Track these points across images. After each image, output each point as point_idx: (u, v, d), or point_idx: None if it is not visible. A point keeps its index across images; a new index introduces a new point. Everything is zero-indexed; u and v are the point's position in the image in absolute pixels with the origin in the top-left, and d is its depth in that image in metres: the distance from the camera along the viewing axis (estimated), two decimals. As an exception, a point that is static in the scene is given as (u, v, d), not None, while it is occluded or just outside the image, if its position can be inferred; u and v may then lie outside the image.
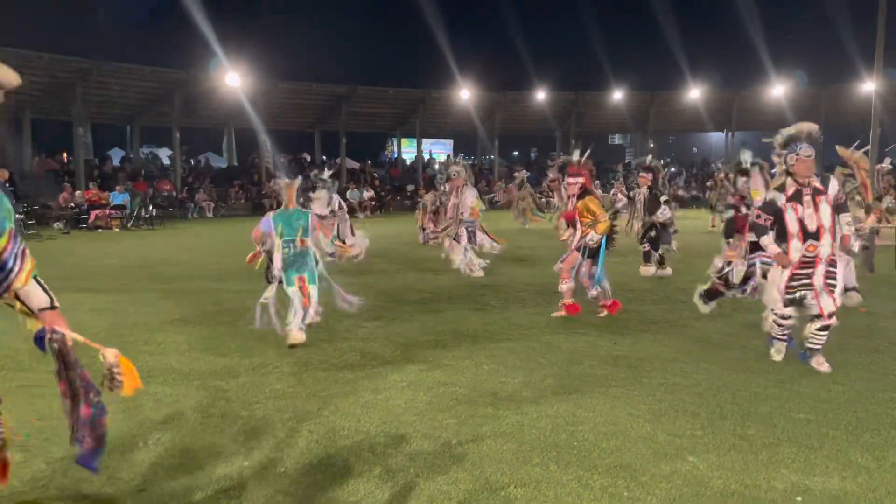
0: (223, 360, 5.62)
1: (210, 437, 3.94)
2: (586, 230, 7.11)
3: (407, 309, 7.81)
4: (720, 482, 3.38)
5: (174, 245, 16.00)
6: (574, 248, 7.23)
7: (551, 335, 6.48)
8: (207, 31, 24.90)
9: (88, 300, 8.35)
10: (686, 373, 5.22)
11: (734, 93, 35.76)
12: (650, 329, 6.75)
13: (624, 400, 4.58)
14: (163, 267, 11.67)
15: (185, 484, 3.36)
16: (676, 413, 4.33)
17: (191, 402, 4.53)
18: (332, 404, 4.50)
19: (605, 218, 7.16)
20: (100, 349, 2.80)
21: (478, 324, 7.02)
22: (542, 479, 3.41)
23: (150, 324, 6.98)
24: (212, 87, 28.04)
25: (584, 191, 7.26)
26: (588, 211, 7.13)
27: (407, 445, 3.83)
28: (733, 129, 37.53)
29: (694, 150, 53.98)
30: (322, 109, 33.89)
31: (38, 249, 14.28)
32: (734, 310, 7.29)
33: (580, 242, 7.17)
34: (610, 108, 36.43)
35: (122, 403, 4.47)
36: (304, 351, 5.85)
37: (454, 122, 37.00)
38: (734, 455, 3.69)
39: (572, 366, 5.43)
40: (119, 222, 20.99)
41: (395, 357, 5.69)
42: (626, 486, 3.34)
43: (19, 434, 3.93)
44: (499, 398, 4.63)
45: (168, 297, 8.61)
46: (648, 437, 3.95)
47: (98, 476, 3.39)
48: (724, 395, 4.67)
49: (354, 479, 3.41)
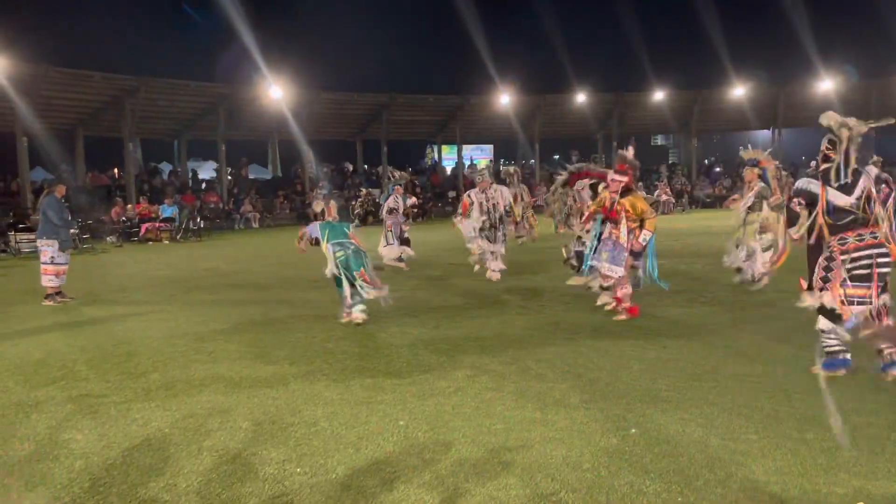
0: (272, 367, 5.70)
1: (261, 444, 4.00)
2: (632, 226, 7.03)
3: (451, 315, 7.82)
4: (777, 487, 3.29)
5: (221, 255, 16.31)
6: (628, 251, 7.14)
7: (598, 339, 6.42)
8: (250, 44, 25.44)
9: (141, 310, 8.58)
10: (738, 376, 5.11)
11: (780, 89, 34.89)
12: (699, 332, 6.63)
13: (675, 404, 4.51)
14: (211, 277, 11.91)
15: (238, 491, 3.41)
16: (729, 417, 4.24)
17: (242, 410, 4.61)
18: (379, 411, 4.53)
19: (652, 214, 7.10)
20: None
21: (523, 328, 6.99)
22: (594, 484, 3.37)
23: (201, 333, 7.13)
24: (255, 99, 28.58)
25: (626, 189, 7.19)
26: (634, 208, 7.05)
27: (455, 451, 3.82)
28: (780, 126, 36.60)
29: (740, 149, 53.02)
30: (363, 118, 34.21)
31: (92, 263, 14.75)
32: (791, 309, 7.11)
33: (630, 240, 7.07)
34: (652, 109, 35.93)
35: (175, 413, 4.58)
36: (350, 359, 5.90)
37: (494, 127, 36.94)
38: (791, 459, 3.60)
39: (620, 370, 5.36)
40: (168, 234, 21.53)
41: (441, 363, 5.70)
42: (680, 491, 3.28)
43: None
44: (546, 403, 4.60)
45: (217, 306, 8.78)
46: (701, 441, 3.87)
47: (158, 482, 3.48)
48: (778, 398, 4.56)
49: (404, 485, 3.42)
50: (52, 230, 9.42)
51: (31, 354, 6.33)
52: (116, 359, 6.09)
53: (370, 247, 8.20)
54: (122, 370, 5.69)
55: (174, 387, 5.17)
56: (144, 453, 3.89)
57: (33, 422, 4.46)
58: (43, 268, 9.43)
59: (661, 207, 17.27)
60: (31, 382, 5.37)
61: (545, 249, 12.75)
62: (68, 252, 9.69)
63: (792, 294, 5.48)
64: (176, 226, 22.24)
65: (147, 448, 3.97)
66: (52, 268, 9.37)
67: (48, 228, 9.44)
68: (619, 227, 7.19)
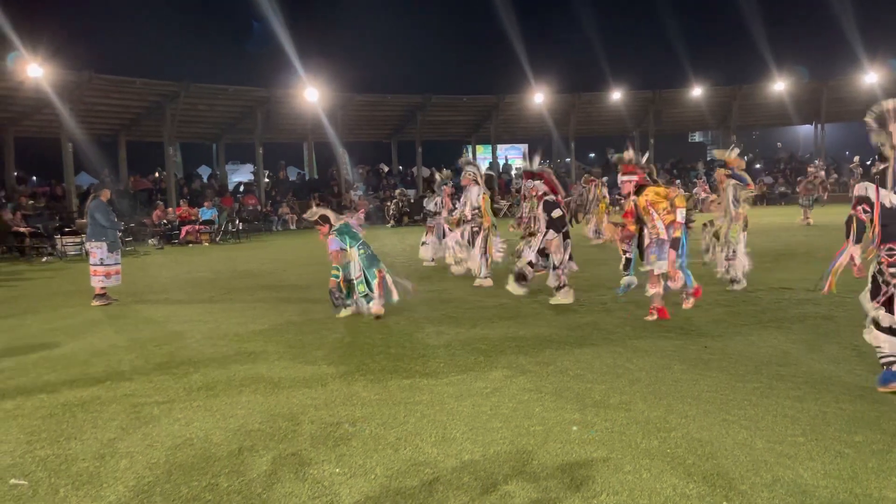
0: (310, 368, 5.74)
1: (301, 445, 4.03)
2: (668, 217, 6.89)
3: (488, 315, 7.79)
4: (826, 492, 3.20)
5: (260, 257, 16.51)
6: (669, 244, 7.01)
7: (637, 339, 6.33)
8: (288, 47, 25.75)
9: (183, 312, 8.72)
10: (782, 376, 5.00)
11: (822, 83, 34.09)
12: (741, 332, 6.51)
13: (718, 405, 4.42)
14: (250, 278, 12.06)
15: (279, 491, 3.44)
16: (775, 418, 4.15)
17: (282, 410, 4.64)
18: (417, 411, 4.53)
19: (676, 192, 6.99)
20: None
21: (560, 328, 6.93)
22: (636, 487, 3.32)
23: (241, 334, 7.22)
24: (291, 102, 28.91)
25: (640, 186, 7.08)
26: (657, 196, 6.92)
27: (494, 453, 3.80)
28: (823, 122, 35.77)
29: (778, 146, 51.78)
30: (398, 120, 34.39)
31: (135, 265, 15.05)
32: (835, 306, 6.95)
33: (670, 232, 6.93)
34: (689, 105, 35.44)
35: (216, 413, 4.64)
36: (388, 360, 5.92)
37: (528, 126, 36.82)
38: (841, 462, 3.50)
39: (660, 371, 5.28)
40: (208, 237, 21.90)
41: (479, 363, 5.68)
42: (725, 494, 3.21)
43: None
44: (585, 404, 4.55)
45: (256, 307, 8.89)
46: (746, 443, 3.79)
47: (200, 481, 3.53)
48: (826, 399, 4.44)
49: (443, 485, 3.41)
50: (101, 232, 9.68)
51: (78, 355, 6.48)
52: (159, 359, 6.20)
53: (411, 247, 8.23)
54: (165, 370, 5.79)
55: (215, 387, 5.24)
56: (187, 453, 3.95)
57: (79, 421, 4.56)
58: (92, 269, 9.68)
59: (700, 205, 17.15)
60: (77, 383, 5.49)
61: (580, 249, 12.64)
62: (118, 252, 9.93)
63: (835, 293, 5.32)
64: (215, 228, 22.60)
65: (189, 448, 4.02)
66: (102, 269, 9.62)
67: (97, 231, 9.70)
68: (653, 223, 7.04)
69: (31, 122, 25.06)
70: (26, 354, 6.58)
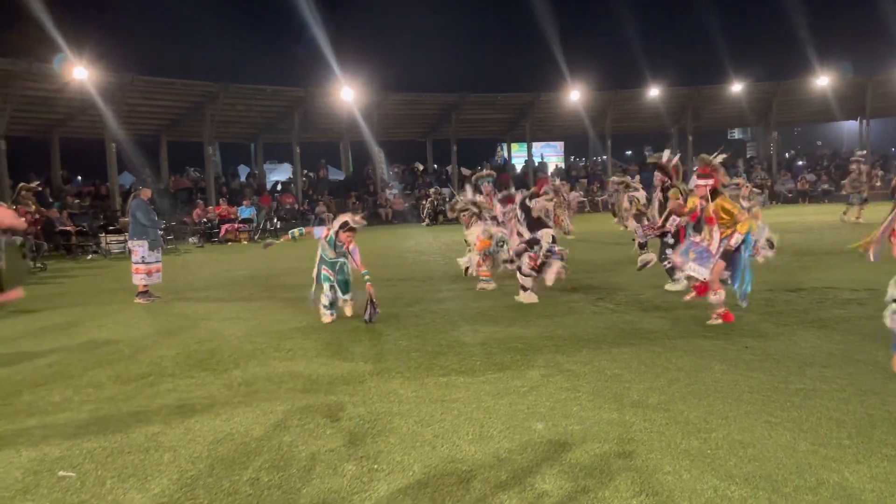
0: (348, 365, 5.79)
1: (339, 441, 4.07)
2: (725, 231, 6.76)
3: (524, 313, 7.77)
4: (873, 495, 3.13)
5: (298, 255, 16.66)
6: (718, 255, 6.85)
7: (675, 339, 6.26)
8: (325, 47, 25.99)
9: (223, 309, 8.87)
10: (827, 377, 4.89)
11: (868, 78, 33.24)
12: (784, 332, 6.38)
13: (760, 406, 4.35)
14: (288, 276, 12.19)
15: (318, 486, 3.48)
16: (819, 420, 4.06)
17: (320, 407, 4.69)
18: (454, 409, 4.54)
19: (744, 217, 6.81)
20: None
21: (597, 327, 6.88)
22: (675, 488, 3.28)
23: (280, 331, 7.31)
24: (328, 102, 29.16)
25: (714, 191, 6.93)
26: (724, 211, 6.78)
27: (531, 451, 3.79)
28: (868, 117, 34.87)
29: (818, 143, 50.57)
30: (433, 118, 34.44)
31: (176, 263, 15.33)
32: (881, 307, 6.75)
33: (722, 246, 6.80)
34: (728, 102, 34.85)
35: (256, 409, 4.71)
36: (424, 357, 5.94)
37: (564, 124, 36.58)
38: (888, 466, 3.41)
39: (700, 371, 5.20)
40: (247, 235, 22.23)
41: (515, 362, 5.67)
42: (768, 497, 3.16)
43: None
44: (624, 404, 4.51)
45: (294, 304, 8.99)
46: (789, 445, 3.72)
47: (242, 475, 3.59)
48: (872, 401, 4.34)
49: (480, 483, 3.42)
50: (142, 231, 9.88)
51: (122, 351, 6.63)
52: (200, 356, 6.32)
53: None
54: (206, 367, 5.89)
55: (255, 384, 5.32)
56: (228, 448, 4.01)
57: (124, 415, 4.67)
58: (134, 267, 9.89)
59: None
60: (122, 378, 5.62)
61: (617, 248, 12.53)
62: (158, 251, 10.13)
63: (882, 292, 5.19)
64: (254, 226, 22.93)
65: (230, 442, 4.09)
66: (143, 267, 9.82)
67: (138, 229, 9.91)
68: (712, 232, 6.90)
69: (75, 123, 25.71)
70: (73, 350, 6.77)
